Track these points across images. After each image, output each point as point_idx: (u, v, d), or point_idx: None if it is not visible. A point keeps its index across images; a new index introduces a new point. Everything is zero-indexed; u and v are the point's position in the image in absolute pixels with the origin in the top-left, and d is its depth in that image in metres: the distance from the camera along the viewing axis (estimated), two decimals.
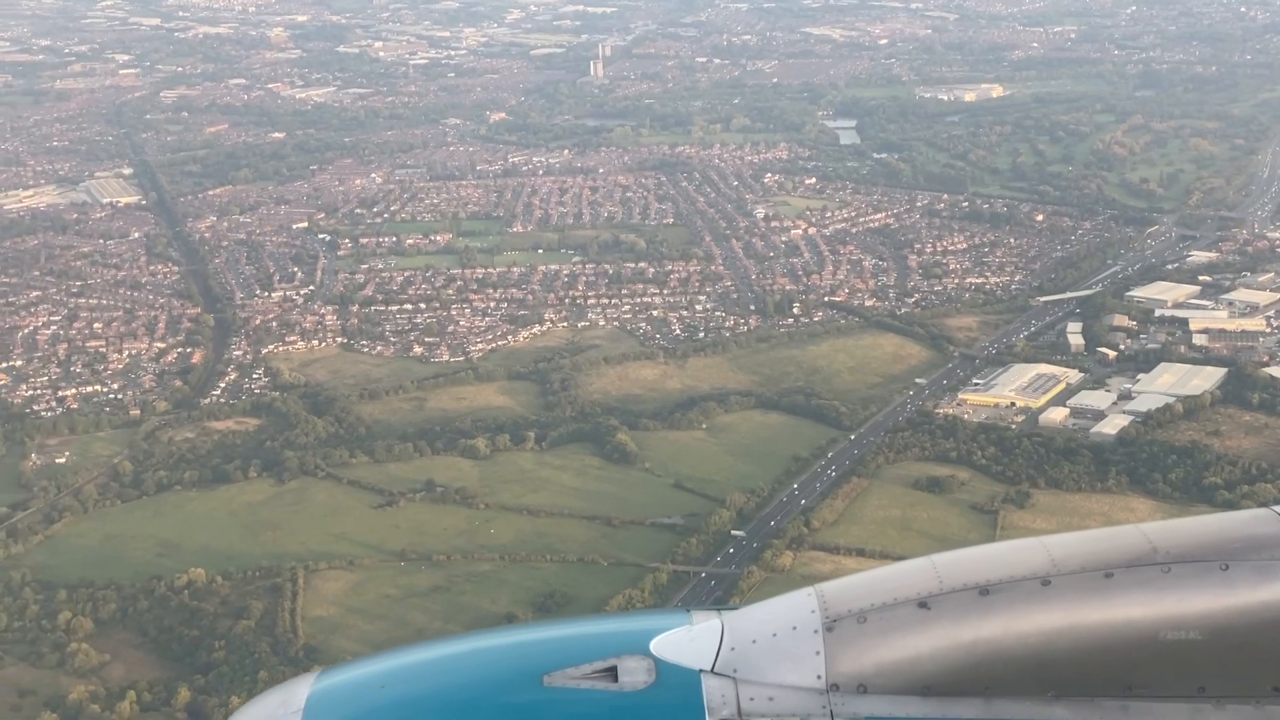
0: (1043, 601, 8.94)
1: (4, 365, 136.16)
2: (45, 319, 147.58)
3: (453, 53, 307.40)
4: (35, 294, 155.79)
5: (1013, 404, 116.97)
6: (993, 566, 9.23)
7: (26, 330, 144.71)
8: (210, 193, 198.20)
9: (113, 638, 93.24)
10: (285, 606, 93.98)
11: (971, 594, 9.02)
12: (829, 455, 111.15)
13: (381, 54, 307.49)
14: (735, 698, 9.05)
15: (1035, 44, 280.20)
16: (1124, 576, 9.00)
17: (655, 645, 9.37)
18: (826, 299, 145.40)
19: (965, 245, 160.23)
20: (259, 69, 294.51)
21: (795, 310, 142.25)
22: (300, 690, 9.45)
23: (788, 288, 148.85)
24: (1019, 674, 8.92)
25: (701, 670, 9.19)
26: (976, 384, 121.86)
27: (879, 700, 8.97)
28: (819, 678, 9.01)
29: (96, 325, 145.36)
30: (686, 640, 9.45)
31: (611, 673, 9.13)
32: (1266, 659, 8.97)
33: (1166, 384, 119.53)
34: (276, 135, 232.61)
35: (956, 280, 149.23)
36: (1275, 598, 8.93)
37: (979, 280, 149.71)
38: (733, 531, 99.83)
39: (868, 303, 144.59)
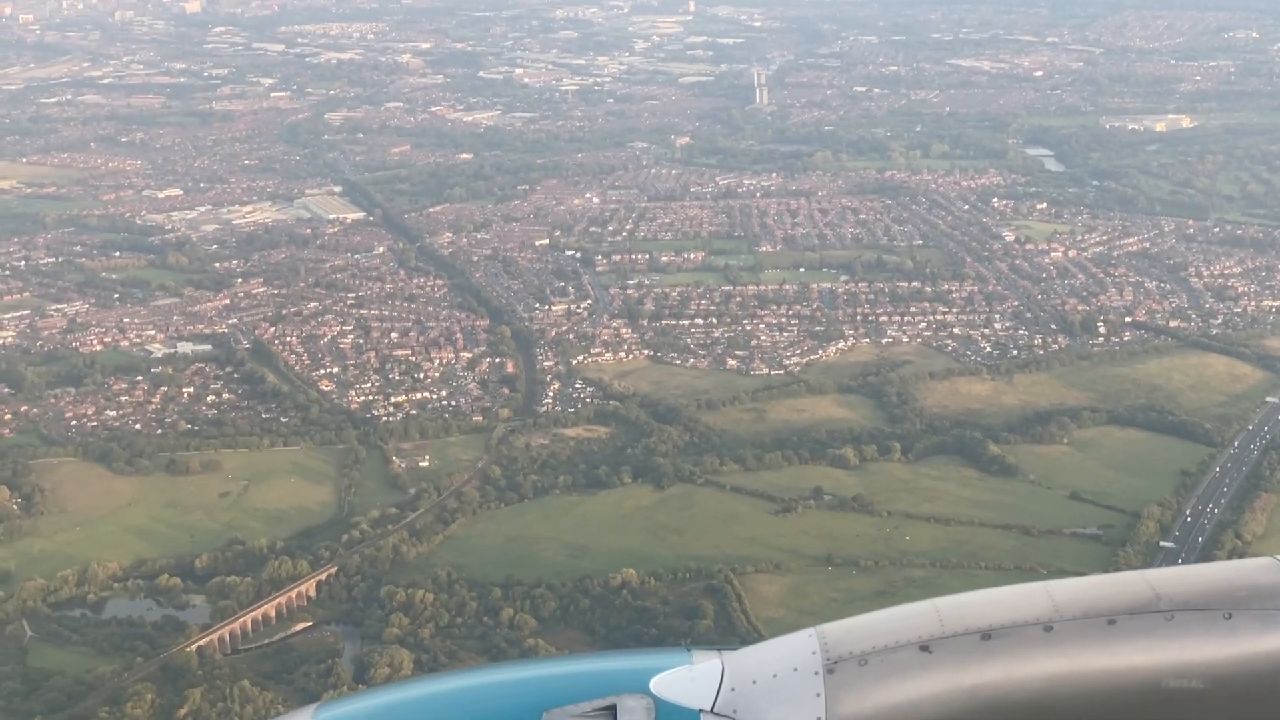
0: (1045, 647, 8.90)
1: (323, 373, 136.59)
2: (339, 329, 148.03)
3: (598, 80, 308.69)
4: (314, 305, 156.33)
5: None
6: (995, 611, 9.20)
7: (325, 340, 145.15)
8: (430, 210, 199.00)
9: (560, 635, 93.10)
10: (734, 607, 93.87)
11: (974, 638, 8.99)
12: (1215, 470, 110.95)
13: (527, 80, 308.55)
14: None
15: (1198, 77, 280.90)
16: (1127, 624, 8.95)
17: (655, 684, 9.38)
18: (1128, 319, 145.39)
19: (1240, 269, 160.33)
20: (409, 93, 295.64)
21: (1101, 330, 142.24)
22: None
23: (1079, 308, 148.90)
24: None
25: (701, 710, 9.20)
26: None
27: None
28: None
29: (393, 335, 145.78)
30: (687, 680, 9.45)
31: (611, 711, 9.14)
32: (1269, 709, 8.85)
33: None
34: (464, 156, 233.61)
35: (1253, 303, 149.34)
36: (1279, 647, 8.87)
37: (1274, 303, 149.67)
38: (1162, 543, 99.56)
39: (1171, 323, 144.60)
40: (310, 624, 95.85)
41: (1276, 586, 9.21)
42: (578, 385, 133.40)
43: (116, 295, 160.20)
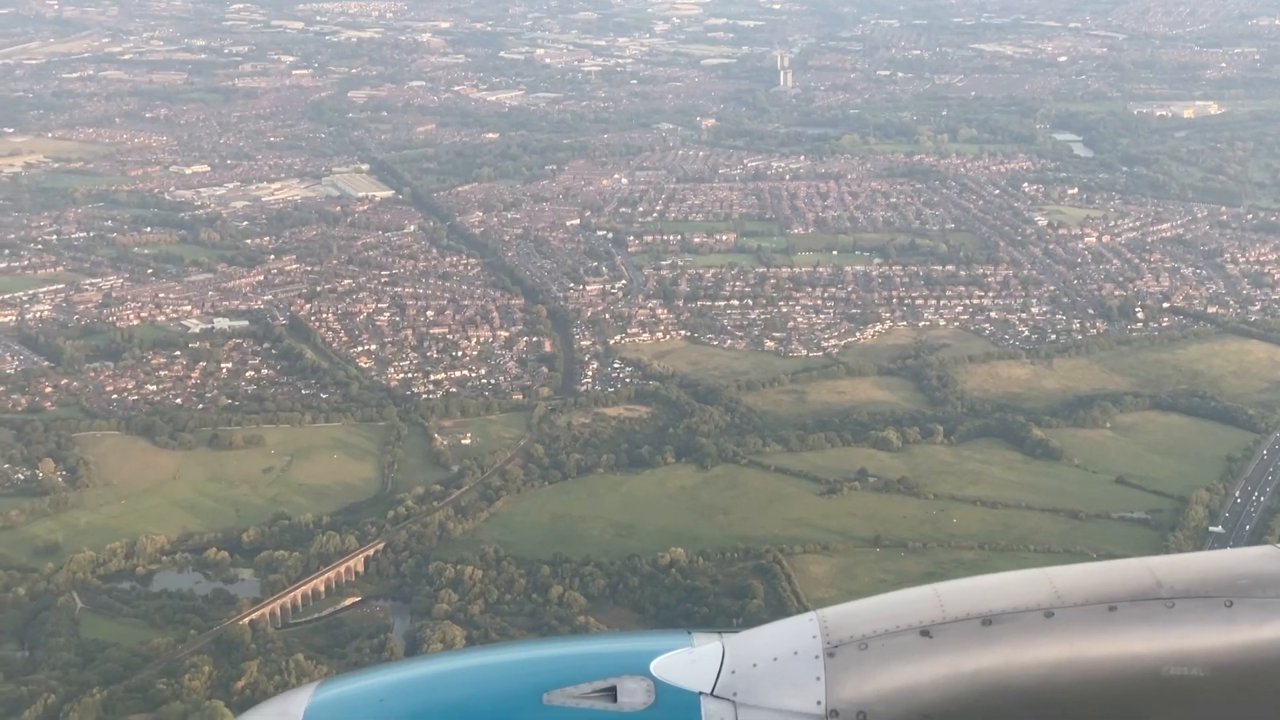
0: (1045, 633, 8.90)
1: (361, 350, 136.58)
2: (374, 306, 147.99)
3: (620, 61, 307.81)
4: (348, 282, 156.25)
5: None
6: (996, 596, 9.21)
7: (361, 317, 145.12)
8: (459, 189, 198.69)
9: (610, 613, 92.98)
10: (784, 587, 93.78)
11: (974, 623, 9.00)
12: (1261, 455, 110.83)
13: (548, 61, 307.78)
14: None
15: (1224, 64, 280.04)
16: (1128, 610, 8.95)
17: (655, 666, 9.39)
18: (1166, 305, 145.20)
19: (1276, 256, 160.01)
20: (430, 72, 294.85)
21: (1139, 315, 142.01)
22: (299, 701, 9.42)
23: (1116, 293, 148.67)
24: (1020, 705, 8.83)
25: (701, 693, 9.21)
26: None
27: None
28: (819, 703, 8.97)
29: (429, 313, 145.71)
30: (687, 662, 9.45)
31: (611, 693, 9.15)
32: (1270, 697, 8.84)
33: None
34: (490, 136, 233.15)
35: None
36: (1279, 636, 8.87)
37: None
38: (1210, 528, 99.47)
39: (1209, 309, 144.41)
40: (359, 599, 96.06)
41: (1277, 575, 9.20)
42: (616, 365, 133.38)
43: (150, 270, 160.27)
